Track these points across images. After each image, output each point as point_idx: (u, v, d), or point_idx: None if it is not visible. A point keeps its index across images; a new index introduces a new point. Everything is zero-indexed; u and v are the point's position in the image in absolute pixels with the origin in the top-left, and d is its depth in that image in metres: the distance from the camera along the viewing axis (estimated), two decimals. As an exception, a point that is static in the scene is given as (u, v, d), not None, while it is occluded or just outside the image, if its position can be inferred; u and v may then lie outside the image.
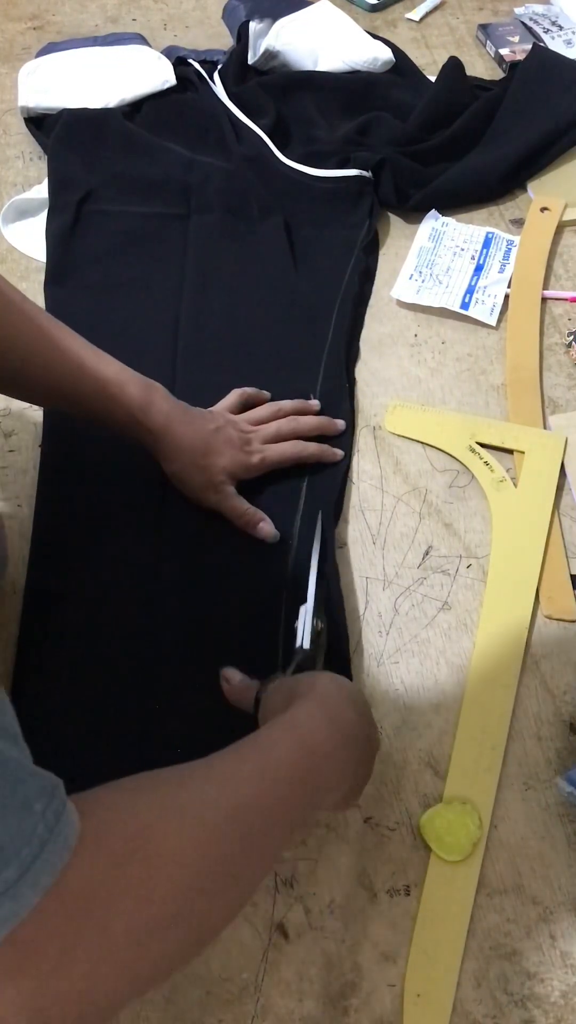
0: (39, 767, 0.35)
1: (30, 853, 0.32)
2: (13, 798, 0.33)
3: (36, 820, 0.33)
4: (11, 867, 0.32)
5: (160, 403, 0.72)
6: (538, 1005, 0.58)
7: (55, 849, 0.33)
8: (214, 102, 1.10)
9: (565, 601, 0.74)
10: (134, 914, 0.36)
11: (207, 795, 0.43)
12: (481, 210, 1.04)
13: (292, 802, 0.47)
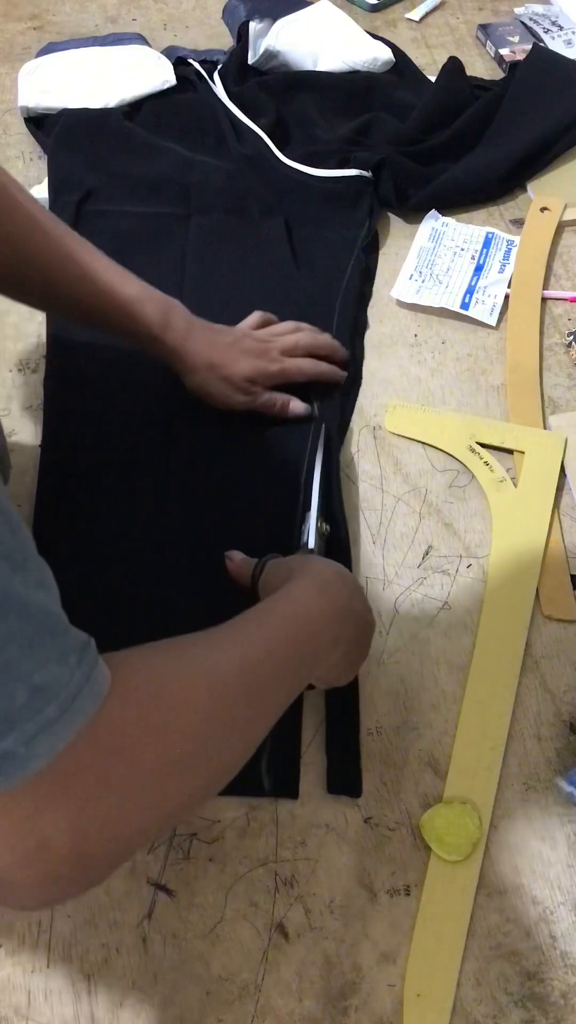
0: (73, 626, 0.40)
1: (68, 696, 0.37)
2: (52, 649, 0.37)
3: (72, 670, 0.37)
4: (51, 707, 0.36)
5: (178, 321, 0.76)
6: (538, 1005, 0.58)
7: (89, 696, 0.38)
8: (214, 102, 1.10)
9: (565, 601, 0.74)
10: (157, 752, 0.41)
11: (216, 656, 0.48)
12: (481, 210, 1.04)
13: (289, 664, 0.52)
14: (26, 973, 0.58)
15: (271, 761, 0.65)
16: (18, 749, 0.35)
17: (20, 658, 0.35)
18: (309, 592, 0.57)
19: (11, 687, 0.35)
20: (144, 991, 0.58)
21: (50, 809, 0.37)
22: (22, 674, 0.35)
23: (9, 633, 0.35)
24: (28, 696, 0.35)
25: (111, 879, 0.61)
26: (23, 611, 0.36)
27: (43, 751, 0.36)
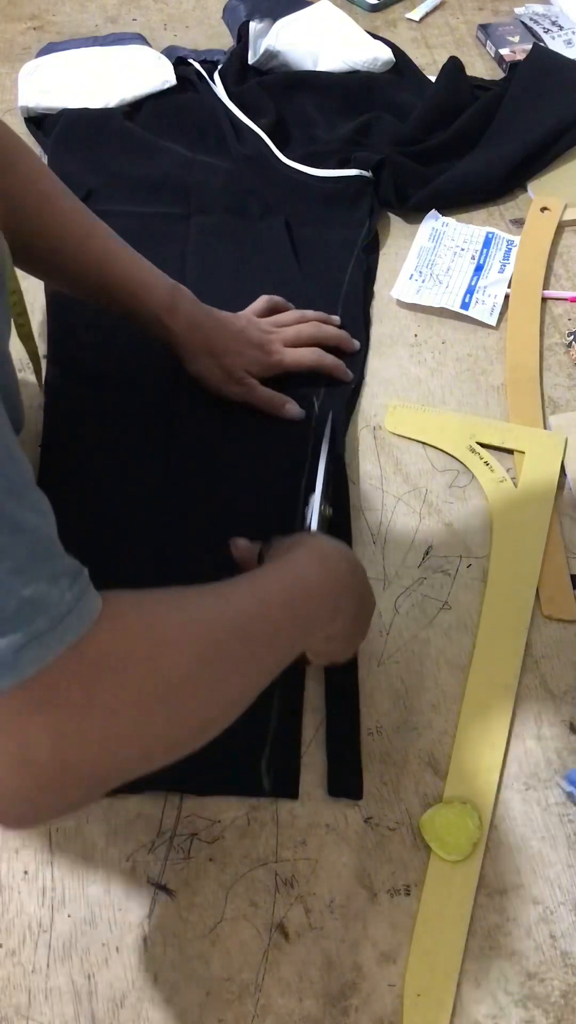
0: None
1: (58, 614, 0.38)
2: (44, 569, 0.39)
3: (63, 591, 0.39)
4: (40, 620, 0.38)
5: (184, 306, 0.78)
6: (538, 1005, 0.58)
7: (79, 617, 0.39)
8: (214, 102, 1.10)
9: (565, 601, 0.74)
10: (143, 683, 0.42)
11: (210, 605, 0.49)
12: (481, 210, 1.04)
13: (283, 624, 0.52)
14: (26, 973, 0.58)
15: (271, 761, 0.65)
16: (6, 655, 0.36)
17: (11, 573, 0.37)
18: (309, 561, 0.57)
19: (1, 598, 0.37)
20: (144, 991, 0.58)
21: (33, 718, 0.38)
22: (12, 588, 0.37)
23: (3, 548, 0.37)
24: (17, 607, 0.37)
25: (111, 879, 0.61)
26: (15, 530, 0.38)
27: (30, 661, 0.37)
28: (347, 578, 0.59)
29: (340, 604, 0.58)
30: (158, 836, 0.63)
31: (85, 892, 0.61)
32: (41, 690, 0.38)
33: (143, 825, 0.63)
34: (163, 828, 0.63)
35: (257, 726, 0.66)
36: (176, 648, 0.44)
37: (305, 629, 0.55)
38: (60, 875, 0.61)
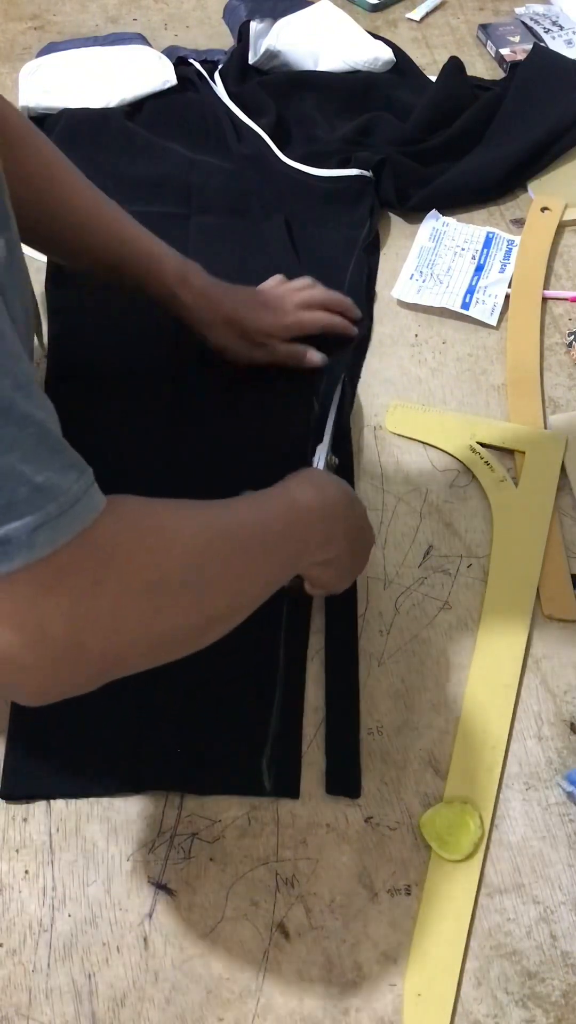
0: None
1: (67, 500, 0.41)
2: (53, 460, 0.41)
3: (72, 481, 0.42)
4: (52, 505, 0.40)
5: (195, 278, 0.80)
6: (539, 1005, 0.58)
7: (87, 505, 0.42)
8: (215, 102, 1.10)
9: (565, 601, 0.74)
10: (147, 571, 0.45)
11: (210, 513, 0.52)
12: (481, 210, 1.04)
13: (279, 539, 0.56)
14: (27, 972, 0.58)
15: (272, 761, 0.65)
16: (21, 536, 0.39)
17: (22, 461, 0.40)
18: (305, 488, 0.60)
19: (13, 485, 0.39)
20: (145, 990, 0.58)
21: (49, 597, 0.41)
22: (24, 475, 0.40)
23: (12, 440, 0.39)
24: (29, 493, 0.40)
25: (111, 879, 0.61)
26: (25, 423, 0.40)
27: (43, 542, 0.40)
28: (341, 507, 0.62)
29: (334, 529, 0.60)
30: (159, 836, 0.63)
31: (86, 892, 0.61)
32: (55, 572, 0.41)
33: (143, 825, 0.63)
34: (164, 828, 0.63)
35: (258, 726, 0.66)
36: (179, 545, 0.47)
37: (299, 548, 0.58)
38: (61, 875, 0.61)
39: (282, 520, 0.57)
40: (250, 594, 0.53)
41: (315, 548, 0.59)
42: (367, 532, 0.67)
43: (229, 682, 0.68)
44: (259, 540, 0.54)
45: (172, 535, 0.48)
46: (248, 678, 0.69)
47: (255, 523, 0.55)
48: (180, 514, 0.50)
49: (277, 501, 0.58)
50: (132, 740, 0.66)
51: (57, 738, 0.66)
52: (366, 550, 0.67)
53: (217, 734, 0.66)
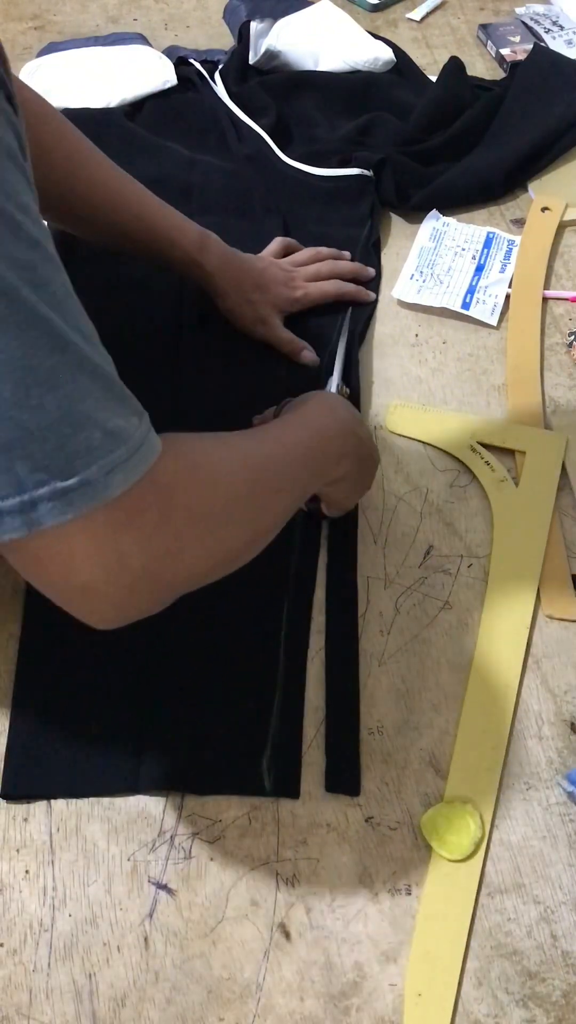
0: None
1: (134, 444, 0.45)
2: (119, 408, 0.45)
3: (135, 426, 0.45)
4: (121, 449, 0.44)
5: (214, 246, 0.84)
6: (539, 1004, 0.58)
7: (149, 448, 0.46)
8: (215, 102, 1.10)
9: (566, 600, 0.74)
10: (205, 503, 0.51)
11: (246, 445, 0.58)
12: (482, 210, 1.04)
13: (303, 463, 0.62)
14: (28, 972, 0.58)
15: (272, 761, 0.65)
16: (98, 479, 0.43)
17: (95, 409, 0.43)
18: (320, 411, 0.67)
19: (90, 431, 0.43)
20: (145, 990, 0.58)
21: (125, 534, 0.45)
22: (97, 422, 0.43)
23: (87, 389, 0.43)
24: (102, 439, 0.43)
25: (112, 878, 0.61)
26: (96, 373, 0.44)
27: (117, 483, 0.44)
28: (351, 427, 0.67)
29: (346, 448, 0.66)
30: (159, 835, 0.63)
31: (86, 892, 0.61)
32: (128, 512, 0.45)
33: (144, 824, 0.63)
34: (164, 827, 0.63)
35: (258, 726, 0.66)
36: (227, 478, 0.53)
37: (320, 466, 0.64)
38: (61, 875, 0.61)
39: (304, 443, 0.63)
40: (283, 511, 0.59)
41: (332, 466, 0.65)
42: (373, 452, 0.72)
43: (229, 682, 0.68)
44: (287, 463, 0.60)
45: (220, 469, 0.53)
46: (248, 678, 0.69)
47: (282, 450, 0.61)
48: (223, 449, 0.56)
49: (299, 429, 0.64)
50: (132, 740, 0.66)
51: (58, 738, 0.66)
52: (372, 469, 0.73)
53: (217, 734, 0.66)
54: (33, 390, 0.41)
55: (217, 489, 0.52)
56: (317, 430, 0.64)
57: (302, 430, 0.64)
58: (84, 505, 0.43)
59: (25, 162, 0.45)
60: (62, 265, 0.45)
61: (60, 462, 0.42)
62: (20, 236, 0.41)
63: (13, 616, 0.72)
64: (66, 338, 0.42)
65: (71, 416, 0.42)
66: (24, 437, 0.41)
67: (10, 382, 0.40)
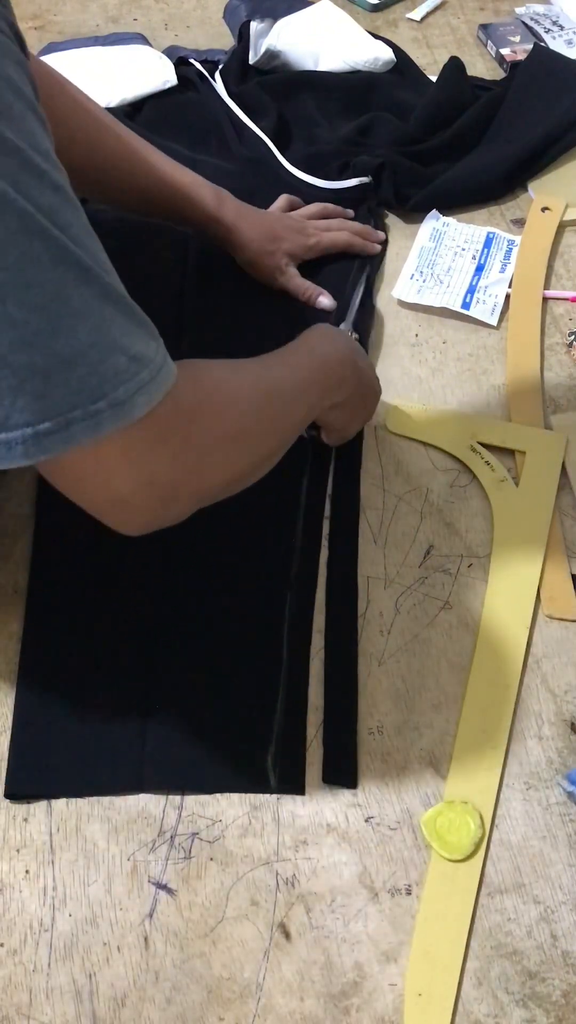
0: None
1: (155, 368, 0.48)
2: (141, 334, 0.49)
3: (154, 351, 0.49)
4: (145, 372, 0.48)
5: (229, 201, 0.88)
6: (540, 1004, 0.58)
7: (168, 372, 0.50)
8: (215, 102, 1.10)
9: (566, 600, 0.74)
10: (222, 425, 0.56)
11: (257, 371, 0.63)
12: (482, 210, 1.04)
13: (307, 388, 0.67)
14: (28, 972, 0.58)
15: (276, 758, 0.65)
16: (125, 399, 0.47)
17: (121, 335, 0.47)
18: (321, 340, 0.72)
19: (117, 356, 0.46)
20: (145, 990, 0.58)
21: (155, 453, 0.51)
22: (123, 347, 0.47)
23: (112, 317, 0.47)
24: (128, 363, 0.47)
25: (111, 880, 0.61)
26: (120, 302, 0.48)
27: (142, 404, 0.48)
28: (351, 355, 0.72)
29: (345, 373, 0.71)
30: (159, 835, 0.63)
31: (86, 891, 0.61)
32: (158, 430, 0.50)
33: (144, 824, 0.63)
34: (164, 827, 0.63)
35: (262, 724, 0.67)
36: (241, 400, 0.58)
37: (322, 390, 0.68)
38: (61, 875, 0.61)
39: (306, 368, 0.67)
40: (290, 432, 0.65)
41: (332, 391, 0.70)
42: (373, 383, 0.77)
43: (233, 680, 0.69)
44: (293, 388, 0.65)
45: (235, 393, 0.58)
46: (251, 675, 0.69)
47: (288, 374, 0.65)
48: (236, 374, 0.60)
49: (301, 353, 0.69)
50: (136, 739, 0.66)
51: (61, 737, 0.66)
52: (371, 398, 0.78)
53: (221, 732, 0.66)
54: (65, 320, 0.44)
55: (232, 411, 0.57)
56: (319, 356, 0.69)
57: (305, 357, 0.69)
58: (112, 425, 0.47)
59: (39, 107, 0.47)
60: (80, 204, 0.47)
61: (91, 386, 0.45)
62: (44, 181, 0.44)
63: (13, 616, 0.72)
64: (92, 271, 0.46)
65: (100, 343, 0.46)
66: (59, 364, 0.44)
67: (45, 314, 0.44)
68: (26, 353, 0.43)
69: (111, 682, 0.68)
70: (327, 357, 0.70)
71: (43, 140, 0.46)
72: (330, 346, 0.71)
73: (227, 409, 0.57)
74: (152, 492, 0.53)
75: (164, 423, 0.50)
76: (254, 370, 0.63)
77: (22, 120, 0.44)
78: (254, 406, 0.59)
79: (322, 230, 0.93)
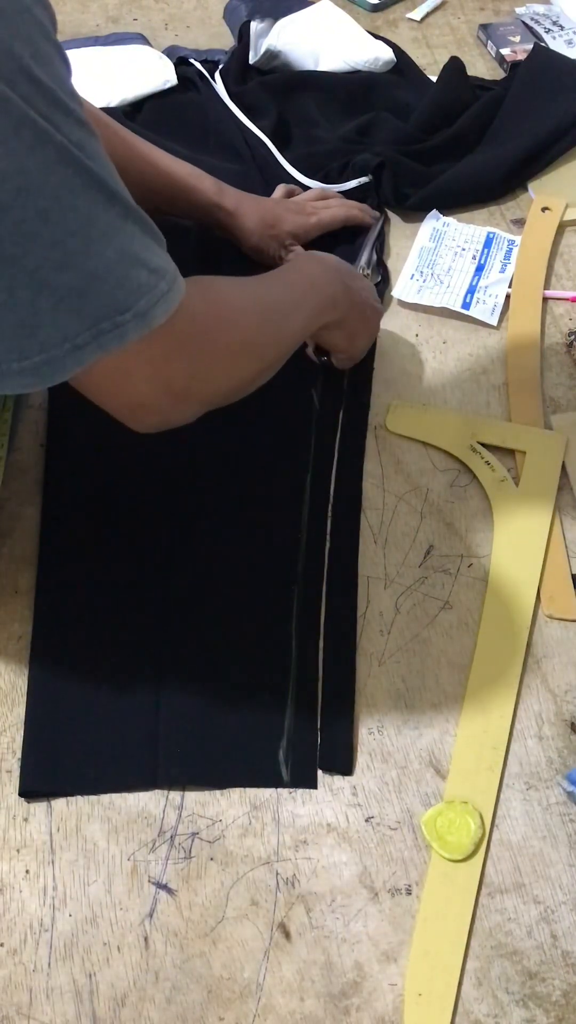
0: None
1: (170, 279, 0.52)
2: (157, 250, 0.52)
3: (167, 262, 0.53)
4: (162, 283, 0.52)
5: (229, 189, 0.91)
6: (539, 1004, 0.58)
7: (180, 282, 0.54)
8: (215, 102, 1.10)
9: (566, 600, 0.74)
10: (231, 335, 0.61)
11: (256, 287, 0.69)
12: (482, 210, 1.03)
13: (301, 301, 0.71)
14: (28, 972, 0.58)
15: (288, 752, 0.65)
16: (147, 310, 0.51)
17: (142, 249, 0.51)
18: (310, 262, 0.77)
19: (139, 269, 0.50)
20: (145, 990, 0.58)
21: (171, 360, 0.56)
22: (145, 261, 0.51)
23: (134, 233, 0.51)
24: (148, 275, 0.51)
25: (111, 879, 0.61)
26: (139, 219, 0.52)
27: (161, 313, 0.52)
28: (336, 275, 0.76)
29: (334, 292, 0.75)
30: (159, 835, 0.63)
31: (86, 891, 0.61)
32: (175, 340, 0.55)
33: (144, 824, 0.63)
34: (164, 827, 0.63)
35: (273, 718, 0.67)
36: (247, 313, 0.64)
37: (315, 306, 0.73)
38: (61, 874, 0.61)
39: (299, 285, 0.72)
40: (288, 343, 0.69)
41: (326, 308, 0.74)
42: (368, 300, 0.81)
43: (243, 675, 0.69)
44: (289, 302, 0.70)
45: (240, 308, 0.64)
46: (262, 670, 0.69)
47: (284, 290, 0.70)
48: (240, 291, 0.66)
49: (292, 272, 0.75)
50: (148, 735, 0.66)
51: (74, 735, 0.66)
52: (370, 316, 0.82)
53: (233, 727, 0.67)
54: (96, 241, 0.48)
55: (238, 322, 0.62)
56: (308, 275, 0.74)
57: (296, 275, 0.74)
58: (137, 334, 0.51)
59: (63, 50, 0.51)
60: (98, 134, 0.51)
61: (119, 298, 0.50)
62: (71, 117, 0.48)
63: (14, 616, 0.72)
64: (117, 193, 0.50)
65: (125, 259, 0.50)
66: (91, 281, 0.48)
67: (81, 236, 0.48)
68: (65, 273, 0.47)
69: (121, 679, 0.68)
70: (315, 277, 0.74)
71: (68, 81, 0.50)
72: (318, 267, 0.75)
73: (233, 320, 0.62)
74: (167, 395, 0.58)
75: (180, 332, 0.54)
76: (254, 286, 0.68)
77: (51, 63, 0.48)
78: (257, 319, 0.65)
79: (320, 208, 0.95)
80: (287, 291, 0.71)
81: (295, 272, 0.75)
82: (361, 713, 0.68)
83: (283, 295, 0.70)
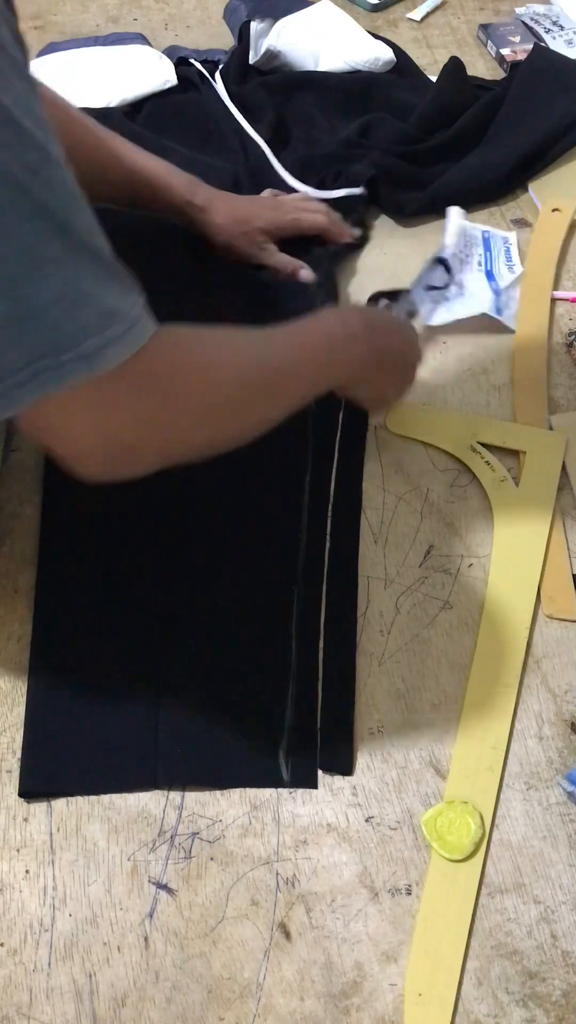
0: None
1: (129, 323, 0.49)
2: (118, 289, 0.49)
3: (132, 306, 0.49)
4: (116, 327, 0.48)
5: (202, 186, 0.89)
6: (540, 1004, 0.58)
7: (145, 327, 0.50)
8: (215, 102, 1.10)
9: (566, 600, 0.74)
10: (201, 396, 0.56)
11: (251, 344, 0.62)
12: (482, 210, 1.03)
13: (311, 364, 0.66)
14: (28, 972, 0.58)
15: (289, 752, 0.65)
16: (92, 352, 0.47)
17: (94, 288, 0.47)
18: (330, 319, 0.71)
19: (85, 308, 0.47)
20: (145, 990, 0.58)
21: (119, 410, 0.51)
22: (95, 300, 0.47)
23: (87, 270, 0.47)
24: (99, 316, 0.47)
25: (111, 879, 0.61)
26: (97, 256, 0.48)
27: (110, 357, 0.48)
28: (360, 330, 0.70)
29: (356, 354, 0.70)
30: (159, 835, 0.63)
31: (86, 891, 0.61)
32: (125, 390, 0.50)
33: (144, 824, 0.63)
34: (164, 827, 0.63)
35: (274, 718, 0.67)
36: (223, 370, 0.58)
37: (325, 368, 0.68)
38: (61, 874, 0.61)
39: (309, 348, 0.66)
40: (283, 407, 0.63)
41: (340, 368, 0.69)
42: (406, 355, 0.77)
43: (243, 675, 0.69)
44: (290, 364, 0.64)
45: (220, 366, 0.57)
46: (261, 670, 0.69)
47: (287, 352, 0.64)
48: (226, 346, 0.59)
49: (305, 332, 0.67)
50: (148, 735, 0.66)
51: (74, 736, 0.66)
52: (404, 371, 0.77)
53: (233, 728, 0.67)
54: (39, 271, 0.45)
55: (214, 387, 0.57)
56: (325, 335, 0.68)
57: (310, 335, 0.67)
58: (77, 376, 0.47)
59: (27, 66, 0.49)
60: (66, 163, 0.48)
61: (62, 335, 0.46)
62: (26, 141, 0.45)
63: (14, 616, 0.72)
64: (70, 226, 0.47)
65: (71, 295, 0.46)
66: (31, 313, 0.46)
67: (20, 264, 0.45)
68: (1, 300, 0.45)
69: (121, 679, 0.68)
70: (333, 337, 0.68)
71: (30, 102, 0.47)
72: (339, 327, 0.69)
73: (207, 377, 0.57)
74: (114, 446, 0.53)
75: (134, 381, 0.51)
76: (250, 342, 0.62)
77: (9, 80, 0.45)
78: (240, 377, 0.59)
79: (301, 211, 0.94)
80: (292, 352, 0.65)
81: (309, 332, 0.68)
82: (361, 713, 0.68)
83: (285, 355, 0.64)
